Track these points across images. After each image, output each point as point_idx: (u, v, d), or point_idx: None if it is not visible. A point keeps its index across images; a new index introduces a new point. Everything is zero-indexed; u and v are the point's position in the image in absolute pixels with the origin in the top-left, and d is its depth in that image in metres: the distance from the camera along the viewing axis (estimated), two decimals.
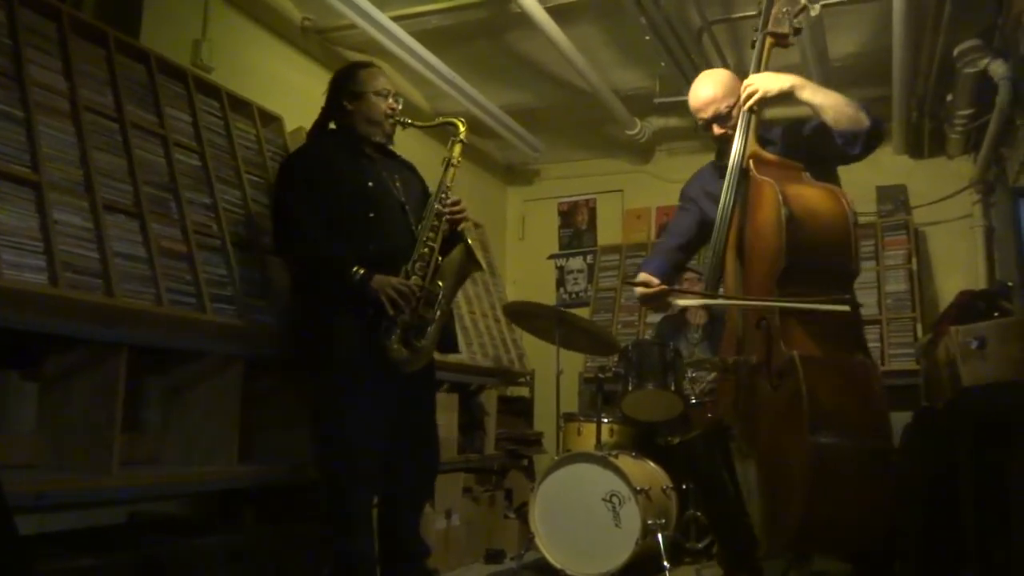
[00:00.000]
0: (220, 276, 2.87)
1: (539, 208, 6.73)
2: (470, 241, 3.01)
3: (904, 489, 3.07)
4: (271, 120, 3.56)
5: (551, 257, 6.62)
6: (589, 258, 6.46)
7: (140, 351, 2.58)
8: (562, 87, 5.16)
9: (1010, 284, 2.77)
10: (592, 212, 6.57)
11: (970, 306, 2.99)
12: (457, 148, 3.06)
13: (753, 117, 2.62)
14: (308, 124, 3.71)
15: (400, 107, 3.04)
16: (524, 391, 5.49)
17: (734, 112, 2.72)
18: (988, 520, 2.76)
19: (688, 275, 4.90)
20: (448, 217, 2.97)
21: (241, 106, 3.40)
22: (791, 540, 2.25)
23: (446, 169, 3.03)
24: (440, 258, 2.93)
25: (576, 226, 6.61)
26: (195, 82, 3.17)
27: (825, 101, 2.56)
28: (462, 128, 3.08)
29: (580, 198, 6.60)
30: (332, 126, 3.09)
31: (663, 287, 2.85)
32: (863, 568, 2.74)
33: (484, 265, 3.02)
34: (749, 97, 2.61)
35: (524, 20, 4.11)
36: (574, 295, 6.48)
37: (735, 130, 2.68)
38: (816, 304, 2.33)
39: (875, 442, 2.17)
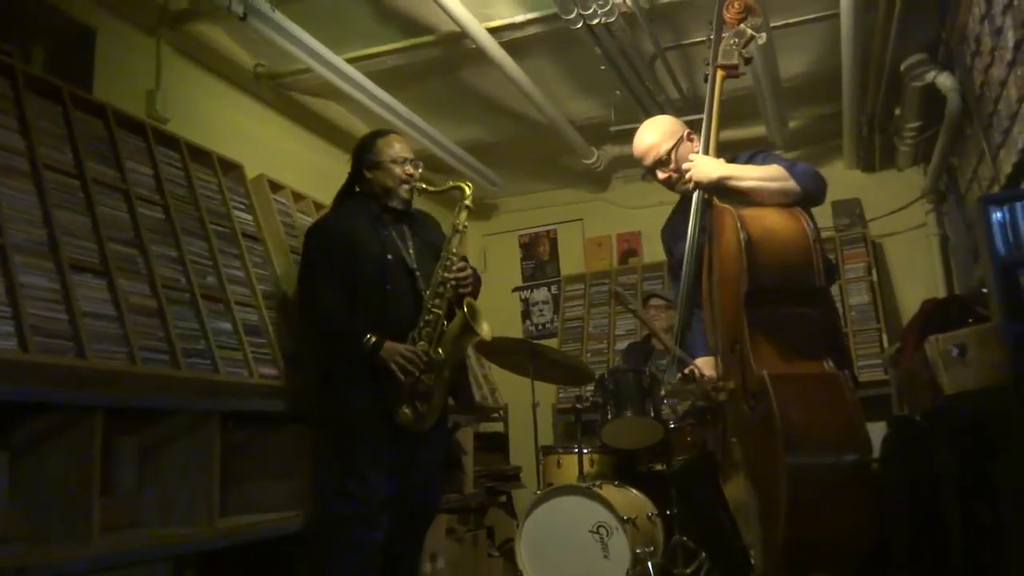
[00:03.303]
0: (192, 330, 2.80)
1: (500, 242, 6.73)
2: (475, 306, 3.07)
3: (887, 499, 3.09)
4: (231, 168, 3.49)
5: (516, 290, 6.62)
6: (553, 288, 6.47)
7: (113, 412, 2.50)
8: (518, 120, 5.19)
9: (984, 290, 2.81)
10: (553, 243, 6.60)
11: (941, 313, 3.03)
12: (463, 214, 3.15)
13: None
14: (267, 170, 3.71)
15: (420, 171, 3.15)
16: (499, 426, 5.45)
17: (672, 155, 2.74)
18: (975, 527, 2.78)
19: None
20: (452, 284, 3.04)
21: (200, 156, 3.33)
22: (781, 561, 2.24)
23: (452, 235, 3.11)
24: (446, 323, 3.02)
25: (538, 257, 6.62)
26: (154, 134, 3.11)
27: (753, 185, 2.55)
28: (468, 192, 3.16)
29: (540, 229, 6.62)
30: (357, 189, 3.20)
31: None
32: None
33: (486, 332, 3.06)
34: (690, 178, 2.63)
35: (479, 56, 4.13)
36: (540, 327, 6.48)
37: (677, 172, 2.71)
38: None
39: (852, 455, 2.17)
